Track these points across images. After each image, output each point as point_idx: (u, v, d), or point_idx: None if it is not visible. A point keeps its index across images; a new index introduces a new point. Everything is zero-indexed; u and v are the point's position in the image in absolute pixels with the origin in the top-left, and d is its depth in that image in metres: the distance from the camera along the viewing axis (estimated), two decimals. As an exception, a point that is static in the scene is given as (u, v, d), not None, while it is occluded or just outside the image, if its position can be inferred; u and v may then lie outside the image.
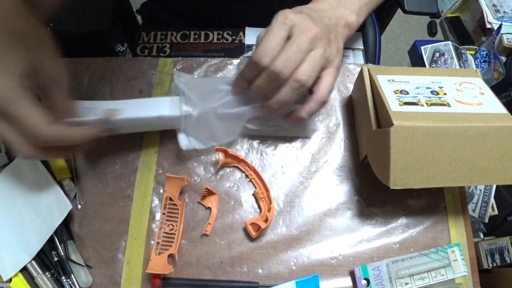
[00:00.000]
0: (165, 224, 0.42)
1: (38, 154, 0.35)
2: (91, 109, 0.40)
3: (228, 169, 0.46)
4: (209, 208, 0.43)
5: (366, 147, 0.42)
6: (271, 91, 0.39)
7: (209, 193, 0.44)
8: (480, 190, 0.93)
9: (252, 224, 0.42)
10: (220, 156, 0.44)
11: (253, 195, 0.44)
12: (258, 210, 0.44)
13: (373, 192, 0.44)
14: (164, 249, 0.41)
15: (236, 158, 0.45)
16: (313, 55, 0.37)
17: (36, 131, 0.33)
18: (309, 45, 0.37)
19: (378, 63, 0.81)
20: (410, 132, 0.35)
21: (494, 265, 0.94)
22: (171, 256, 0.40)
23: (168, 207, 0.43)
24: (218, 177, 0.45)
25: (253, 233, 0.41)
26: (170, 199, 0.43)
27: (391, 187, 0.36)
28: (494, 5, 1.38)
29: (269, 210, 0.42)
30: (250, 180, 0.45)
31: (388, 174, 0.36)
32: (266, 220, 0.41)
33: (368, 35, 0.80)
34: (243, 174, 0.45)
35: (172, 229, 0.42)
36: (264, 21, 0.40)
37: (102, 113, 0.39)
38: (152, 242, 0.42)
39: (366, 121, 0.42)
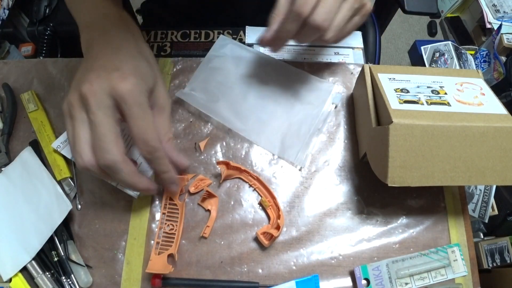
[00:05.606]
0: (165, 224, 0.42)
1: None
2: None
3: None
4: (209, 211, 0.43)
5: (366, 144, 0.43)
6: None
7: (209, 195, 0.44)
8: (480, 190, 0.93)
9: (264, 233, 0.41)
10: (223, 169, 0.44)
11: (260, 203, 0.44)
12: (263, 214, 0.44)
13: (373, 192, 0.44)
14: (164, 249, 0.41)
15: (238, 169, 0.44)
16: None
17: (150, 135, 0.35)
18: None
19: (378, 63, 0.81)
20: (409, 130, 0.35)
21: (494, 265, 0.94)
22: (171, 256, 0.40)
23: (168, 207, 0.43)
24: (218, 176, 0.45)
25: (266, 242, 0.41)
26: (170, 199, 0.43)
27: (389, 185, 0.36)
28: (494, 5, 1.38)
29: (278, 217, 0.42)
30: (255, 189, 0.45)
31: (386, 172, 0.36)
32: (277, 228, 0.41)
33: (368, 35, 0.80)
34: (247, 184, 0.45)
35: (172, 229, 0.42)
36: (264, 19, 0.40)
37: None
38: (152, 242, 0.42)
39: (366, 119, 0.42)
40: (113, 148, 0.34)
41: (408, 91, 0.39)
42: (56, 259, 0.41)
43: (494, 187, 0.91)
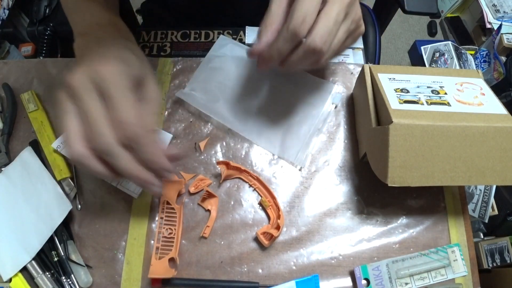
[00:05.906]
0: (164, 228, 0.42)
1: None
2: None
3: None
4: (209, 211, 0.43)
5: (366, 144, 0.43)
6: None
7: (210, 195, 0.43)
8: (480, 190, 0.93)
9: (264, 233, 0.41)
10: (223, 169, 0.44)
11: (260, 203, 0.44)
12: (263, 214, 0.44)
13: (373, 192, 0.44)
14: (165, 253, 0.40)
15: (238, 169, 0.44)
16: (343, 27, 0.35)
17: (127, 118, 0.31)
18: (344, 14, 0.34)
19: (378, 63, 0.81)
20: (409, 130, 0.35)
21: (494, 265, 0.94)
22: (172, 259, 0.40)
23: (166, 211, 0.42)
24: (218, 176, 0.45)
25: (266, 242, 0.41)
26: (168, 203, 0.42)
27: (389, 185, 0.36)
28: (494, 5, 1.38)
29: (278, 217, 0.42)
30: (255, 189, 0.44)
31: (386, 172, 0.36)
32: (277, 228, 0.41)
33: (368, 35, 0.80)
34: (247, 184, 0.45)
35: (171, 233, 0.41)
36: None
37: None
38: (152, 242, 0.42)
39: (366, 119, 0.42)
40: (107, 130, 0.31)
41: (408, 91, 0.39)
42: (56, 259, 0.41)
43: (494, 187, 0.91)
